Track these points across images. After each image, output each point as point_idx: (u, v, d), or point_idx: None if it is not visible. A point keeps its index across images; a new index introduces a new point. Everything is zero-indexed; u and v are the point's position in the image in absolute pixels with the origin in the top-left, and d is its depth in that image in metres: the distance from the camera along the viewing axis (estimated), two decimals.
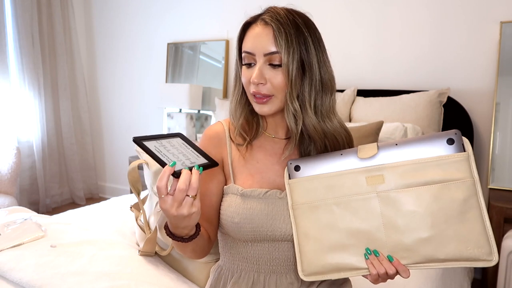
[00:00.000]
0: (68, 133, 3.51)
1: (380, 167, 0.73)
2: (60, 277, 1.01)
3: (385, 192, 0.72)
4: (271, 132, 0.90)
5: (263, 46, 0.78)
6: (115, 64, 3.64)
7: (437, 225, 0.69)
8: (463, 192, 0.69)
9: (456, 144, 0.70)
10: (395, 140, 0.74)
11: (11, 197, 2.50)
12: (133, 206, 1.36)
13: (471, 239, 0.68)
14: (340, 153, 0.77)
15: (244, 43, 0.81)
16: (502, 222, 1.78)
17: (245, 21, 0.83)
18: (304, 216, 0.78)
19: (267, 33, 0.78)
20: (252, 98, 0.82)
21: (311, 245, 0.77)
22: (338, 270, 0.75)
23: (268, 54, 0.78)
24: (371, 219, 0.73)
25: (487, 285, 1.87)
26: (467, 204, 0.69)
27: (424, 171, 0.71)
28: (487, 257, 0.68)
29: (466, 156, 0.70)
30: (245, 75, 0.82)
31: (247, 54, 0.80)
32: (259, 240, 0.83)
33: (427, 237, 0.70)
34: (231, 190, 0.85)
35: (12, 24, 3.04)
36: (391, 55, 2.42)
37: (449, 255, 0.69)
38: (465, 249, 0.68)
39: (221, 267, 0.93)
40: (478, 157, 2.21)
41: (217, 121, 0.91)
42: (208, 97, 3.07)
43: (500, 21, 2.08)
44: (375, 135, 1.77)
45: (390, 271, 0.71)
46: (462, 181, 0.69)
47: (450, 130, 0.71)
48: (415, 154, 0.72)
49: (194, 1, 3.13)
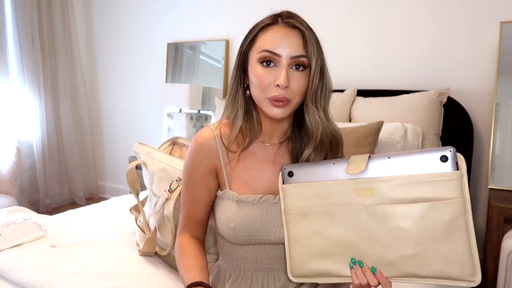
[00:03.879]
0: (68, 133, 3.51)
1: (370, 180, 0.73)
2: (60, 277, 1.01)
3: (372, 206, 0.72)
4: (265, 137, 0.89)
5: (292, 48, 0.77)
6: (115, 64, 3.64)
7: (421, 243, 0.69)
8: (451, 212, 0.68)
9: (450, 161, 0.68)
10: (389, 153, 0.74)
11: (11, 197, 2.50)
12: (132, 208, 1.36)
13: (454, 259, 0.68)
14: (333, 162, 0.77)
15: (264, 42, 0.78)
16: (502, 222, 1.78)
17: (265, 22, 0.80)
18: (295, 221, 0.79)
19: (294, 35, 0.78)
20: (268, 101, 0.79)
21: (300, 250, 0.78)
22: (324, 275, 0.77)
23: (295, 57, 0.77)
24: (357, 231, 0.73)
25: (487, 285, 1.87)
26: (454, 224, 0.68)
27: (414, 188, 0.70)
28: (469, 278, 0.68)
29: (458, 175, 0.68)
30: (264, 75, 0.78)
31: (269, 54, 0.77)
32: (254, 244, 0.84)
33: (411, 255, 0.70)
34: (227, 196, 0.85)
35: (12, 24, 3.04)
36: (391, 55, 2.42)
37: (430, 273, 0.69)
38: (448, 269, 0.68)
39: (220, 266, 0.93)
40: (478, 157, 2.21)
41: (206, 126, 0.88)
42: (208, 97, 3.07)
43: (500, 21, 2.08)
44: (375, 135, 1.78)
45: (371, 283, 0.72)
46: (451, 200, 0.67)
47: (445, 147, 0.69)
48: (407, 169, 0.71)
49: (194, 1, 3.13)
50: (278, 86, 0.76)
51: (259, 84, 0.79)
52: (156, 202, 1.11)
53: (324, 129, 0.83)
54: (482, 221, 2.20)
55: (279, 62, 0.77)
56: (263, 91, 0.79)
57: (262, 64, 0.78)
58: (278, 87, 0.76)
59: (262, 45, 0.79)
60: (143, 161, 1.21)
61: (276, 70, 0.78)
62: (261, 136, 0.89)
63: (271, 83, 0.78)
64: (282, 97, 0.77)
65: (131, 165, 1.19)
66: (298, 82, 0.78)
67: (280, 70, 0.77)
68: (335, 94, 2.35)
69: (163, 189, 1.10)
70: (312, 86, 0.79)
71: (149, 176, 1.19)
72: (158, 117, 3.41)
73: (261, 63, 0.79)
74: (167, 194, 1.06)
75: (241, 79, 0.85)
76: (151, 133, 3.48)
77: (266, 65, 0.78)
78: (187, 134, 2.89)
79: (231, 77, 0.87)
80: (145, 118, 3.51)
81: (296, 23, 0.78)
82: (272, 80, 0.78)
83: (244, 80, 0.85)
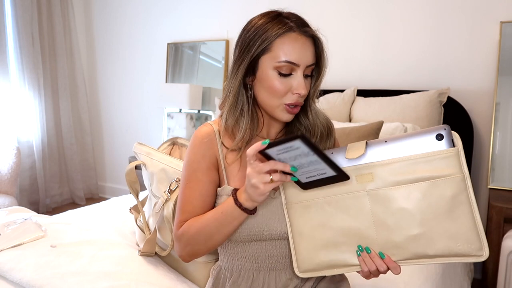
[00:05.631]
0: (68, 133, 3.51)
1: (369, 165, 0.73)
2: (60, 277, 1.01)
3: (374, 190, 0.73)
4: (264, 133, 0.91)
5: (307, 57, 0.80)
6: (115, 64, 3.64)
7: (426, 222, 0.70)
8: (452, 188, 0.68)
9: (445, 139, 0.69)
10: (385, 137, 0.74)
11: (11, 197, 2.50)
12: (132, 208, 1.36)
13: (460, 235, 0.68)
14: (331, 152, 0.77)
15: (284, 52, 0.78)
16: (502, 222, 1.78)
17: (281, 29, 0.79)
18: (298, 215, 0.79)
19: (310, 45, 0.81)
20: (282, 107, 0.82)
21: (305, 243, 0.78)
22: (332, 267, 0.77)
23: (309, 66, 0.82)
24: (361, 217, 0.74)
25: (487, 285, 1.87)
26: (456, 200, 0.68)
27: (413, 168, 0.70)
28: (477, 252, 0.68)
29: (455, 151, 0.69)
30: (281, 84, 0.80)
31: (290, 65, 0.79)
32: (255, 240, 0.84)
33: (417, 234, 0.70)
34: (225, 192, 0.85)
35: (12, 24, 3.04)
36: (391, 55, 2.42)
37: (439, 251, 0.70)
38: (455, 245, 0.68)
39: (220, 266, 0.93)
40: (478, 157, 2.21)
41: (206, 123, 0.89)
42: (208, 97, 3.07)
43: (500, 21, 2.08)
44: (375, 135, 1.77)
45: (381, 268, 0.73)
46: (451, 177, 0.68)
47: (439, 125, 0.71)
48: (405, 151, 0.71)
49: (194, 1, 3.13)
50: (297, 94, 0.80)
51: (275, 92, 0.81)
52: (156, 202, 1.11)
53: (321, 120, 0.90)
54: (482, 221, 2.19)
55: (295, 70, 0.80)
56: (279, 98, 0.82)
57: (280, 73, 0.80)
58: (297, 95, 0.80)
59: (281, 55, 0.79)
60: (142, 161, 1.21)
61: (292, 79, 0.80)
62: (261, 132, 0.90)
63: (288, 91, 0.81)
64: (300, 103, 0.82)
65: (131, 166, 1.19)
66: (308, 88, 0.83)
67: (297, 79, 0.80)
68: (335, 94, 2.35)
69: (162, 190, 1.10)
70: (317, 89, 0.86)
71: (148, 176, 1.19)
72: (158, 117, 3.41)
73: (279, 73, 0.80)
74: (167, 195, 1.06)
75: (245, 79, 0.85)
76: (151, 133, 3.48)
77: (283, 75, 0.80)
78: (187, 134, 2.89)
79: (231, 76, 0.86)
80: (145, 118, 3.51)
81: (312, 32, 0.82)
82: (289, 88, 0.81)
83: (248, 81, 0.85)
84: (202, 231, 0.81)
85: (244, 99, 0.85)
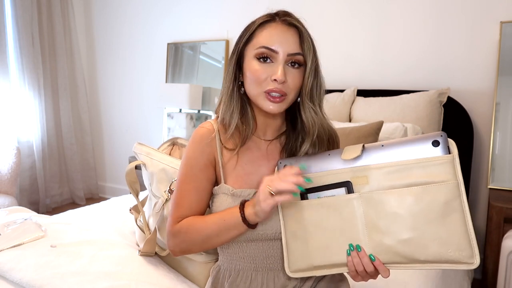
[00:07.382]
0: (68, 133, 3.51)
1: (365, 168, 0.74)
2: (60, 277, 1.01)
3: (368, 193, 0.73)
4: (260, 133, 0.90)
5: (289, 45, 0.79)
6: (115, 64, 3.64)
7: (418, 227, 0.69)
8: (445, 194, 0.68)
9: (441, 146, 0.70)
10: (382, 142, 0.75)
11: (11, 197, 2.50)
12: (132, 208, 1.36)
13: (452, 241, 0.68)
14: (328, 154, 0.78)
15: (262, 39, 0.80)
16: (502, 222, 1.78)
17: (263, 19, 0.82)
18: (292, 215, 0.79)
19: (292, 34, 0.80)
20: (264, 96, 0.80)
21: (297, 244, 0.79)
22: (322, 268, 0.78)
23: (291, 55, 0.79)
24: (353, 220, 0.74)
25: (487, 285, 1.87)
26: (449, 206, 0.68)
27: (408, 173, 0.71)
28: (468, 260, 0.68)
29: (450, 158, 0.69)
30: (260, 70, 0.79)
31: (266, 50, 0.79)
32: (252, 240, 0.84)
33: (408, 239, 0.70)
34: (222, 190, 0.86)
35: (12, 24, 3.04)
36: (391, 55, 2.42)
37: (429, 257, 0.69)
38: (446, 252, 0.68)
39: (220, 266, 0.93)
40: (478, 157, 2.21)
41: (207, 121, 0.90)
42: (208, 97, 3.07)
43: (500, 21, 2.08)
44: (375, 135, 1.78)
45: (368, 268, 0.73)
46: (445, 183, 0.69)
47: (436, 132, 0.72)
48: (401, 156, 0.72)
49: (194, 1, 3.13)
50: (275, 80, 0.78)
51: (255, 79, 0.80)
52: (156, 202, 1.11)
53: (322, 125, 0.86)
54: (482, 221, 2.19)
55: (275, 58, 0.79)
56: (259, 85, 0.80)
57: (259, 60, 0.80)
58: (275, 81, 0.78)
59: (259, 42, 0.80)
60: (142, 161, 1.21)
61: (273, 66, 0.79)
62: (255, 132, 0.90)
63: (268, 78, 0.79)
64: (279, 90, 0.79)
65: (130, 166, 1.19)
66: (294, 78, 0.80)
67: (277, 66, 0.79)
68: (335, 94, 2.36)
69: (162, 190, 1.10)
70: (308, 84, 0.81)
71: (148, 176, 1.19)
72: (158, 117, 3.41)
73: (258, 59, 0.80)
74: (167, 195, 1.06)
75: (236, 76, 0.86)
76: (151, 133, 3.48)
77: (262, 61, 0.80)
78: (187, 134, 2.89)
79: (225, 74, 0.87)
80: (145, 118, 3.51)
81: (293, 21, 0.81)
82: (268, 75, 0.79)
83: (239, 78, 0.86)
84: (201, 233, 0.82)
85: (236, 96, 0.86)
